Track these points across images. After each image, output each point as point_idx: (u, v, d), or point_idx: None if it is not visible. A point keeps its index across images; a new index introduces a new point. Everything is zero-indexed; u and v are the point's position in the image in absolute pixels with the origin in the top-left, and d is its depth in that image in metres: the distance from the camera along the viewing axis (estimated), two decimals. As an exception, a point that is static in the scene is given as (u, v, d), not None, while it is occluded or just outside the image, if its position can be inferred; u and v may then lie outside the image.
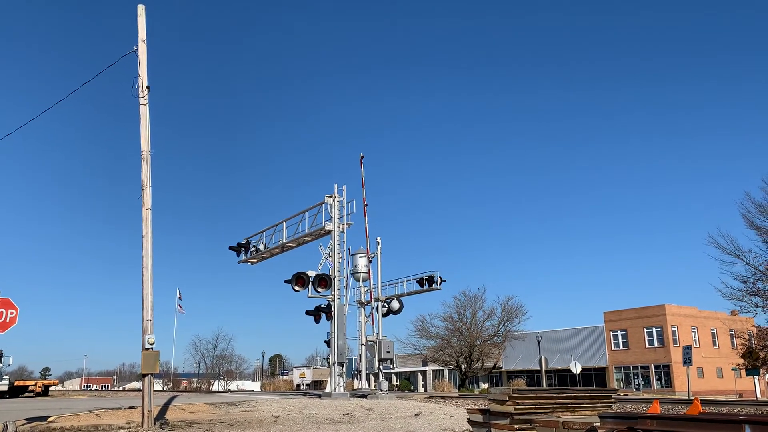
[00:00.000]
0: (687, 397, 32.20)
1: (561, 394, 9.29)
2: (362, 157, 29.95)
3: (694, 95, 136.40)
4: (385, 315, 32.22)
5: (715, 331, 64.26)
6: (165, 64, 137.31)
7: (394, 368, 30.80)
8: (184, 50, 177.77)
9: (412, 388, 71.32)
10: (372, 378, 45.94)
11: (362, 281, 35.68)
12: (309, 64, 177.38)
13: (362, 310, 36.16)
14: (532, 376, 66.49)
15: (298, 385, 77.79)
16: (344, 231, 26.89)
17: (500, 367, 69.65)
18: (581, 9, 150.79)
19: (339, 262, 26.46)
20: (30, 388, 36.94)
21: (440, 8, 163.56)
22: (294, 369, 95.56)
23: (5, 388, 33.82)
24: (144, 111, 14.84)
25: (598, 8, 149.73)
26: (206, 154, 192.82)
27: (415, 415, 17.91)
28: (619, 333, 64.78)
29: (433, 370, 75.64)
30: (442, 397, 28.56)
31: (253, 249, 30.56)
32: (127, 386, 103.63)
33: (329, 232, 26.53)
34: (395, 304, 32.99)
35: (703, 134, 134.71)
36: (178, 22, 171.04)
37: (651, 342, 61.88)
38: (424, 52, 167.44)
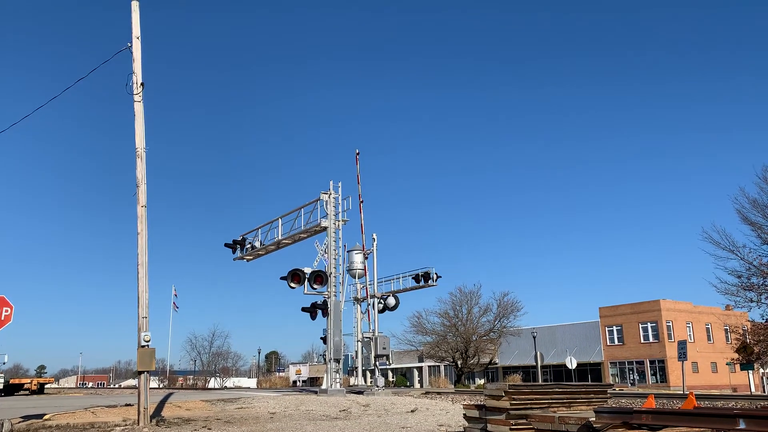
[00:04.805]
0: (682, 392, 32.36)
1: (557, 390, 9.31)
2: (358, 154, 29.93)
3: (689, 90, 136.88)
4: (381, 311, 32.23)
5: (709, 326, 64.50)
6: (163, 61, 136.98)
7: (390, 364, 30.92)
8: (180, 48, 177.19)
9: (408, 384, 71.40)
10: (368, 374, 45.99)
11: (358, 278, 35.67)
12: (305, 59, 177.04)
13: (358, 306, 36.19)
14: (528, 372, 66.66)
15: (295, 382, 77.63)
16: (340, 228, 26.87)
17: (496, 363, 69.79)
18: (581, 7, 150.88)
19: (335, 258, 26.43)
20: (25, 386, 36.75)
21: (440, 2, 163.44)
22: (290, 366, 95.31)
23: (0, 387, 33.66)
24: (138, 108, 14.76)
25: (595, 6, 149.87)
26: (202, 151, 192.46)
27: (412, 411, 17.93)
28: (615, 328, 64.97)
29: (429, 366, 75.74)
30: (438, 393, 28.60)
31: (248, 246, 30.47)
32: (123, 384, 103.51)
33: (325, 228, 26.50)
34: (391, 301, 33.01)
35: (698, 129, 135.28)
36: (177, 16, 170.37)
37: (646, 337, 62.11)
38: (422, 45, 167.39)
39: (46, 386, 39.93)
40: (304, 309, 26.92)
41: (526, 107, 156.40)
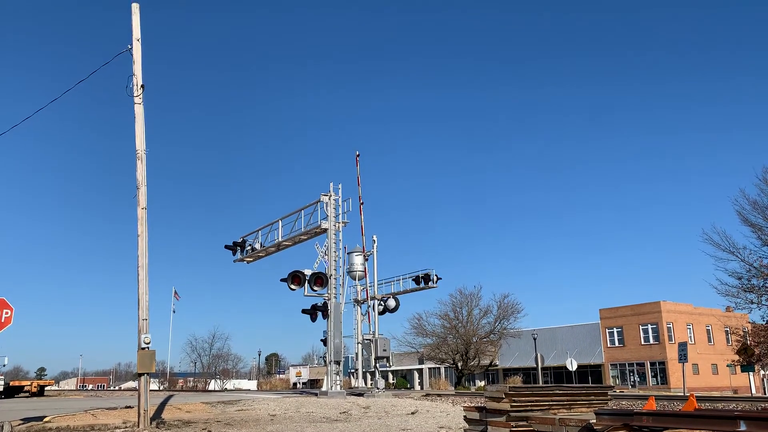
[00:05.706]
0: (682, 394, 32.34)
1: (557, 392, 9.30)
2: (358, 155, 30.02)
3: (689, 90, 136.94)
4: (381, 313, 32.25)
5: (710, 328, 64.44)
6: (163, 61, 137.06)
7: (390, 366, 30.91)
8: (180, 48, 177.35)
9: (408, 386, 71.31)
10: (368, 376, 46.00)
11: (358, 279, 35.69)
12: (305, 60, 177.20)
13: (358, 308, 36.19)
14: (528, 374, 66.58)
15: (295, 384, 77.71)
16: (340, 229, 26.89)
17: (496, 365, 69.73)
18: (581, 7, 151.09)
19: (335, 260, 26.45)
20: (25, 389, 36.76)
21: (440, 2, 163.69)
22: (290, 368, 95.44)
23: (0, 389, 33.66)
24: (139, 110, 14.77)
25: (595, 6, 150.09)
26: (202, 151, 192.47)
27: (412, 413, 17.91)
28: (615, 330, 64.91)
29: (429, 368, 75.65)
30: (439, 395, 28.58)
31: (249, 248, 30.49)
32: (123, 386, 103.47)
33: (325, 230, 26.51)
34: (391, 303, 33.02)
35: (698, 129, 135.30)
36: (177, 17, 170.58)
37: (646, 339, 62.05)
38: (422, 45, 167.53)
39: (46, 388, 39.95)
40: (304, 311, 26.94)
41: (526, 107, 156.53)
